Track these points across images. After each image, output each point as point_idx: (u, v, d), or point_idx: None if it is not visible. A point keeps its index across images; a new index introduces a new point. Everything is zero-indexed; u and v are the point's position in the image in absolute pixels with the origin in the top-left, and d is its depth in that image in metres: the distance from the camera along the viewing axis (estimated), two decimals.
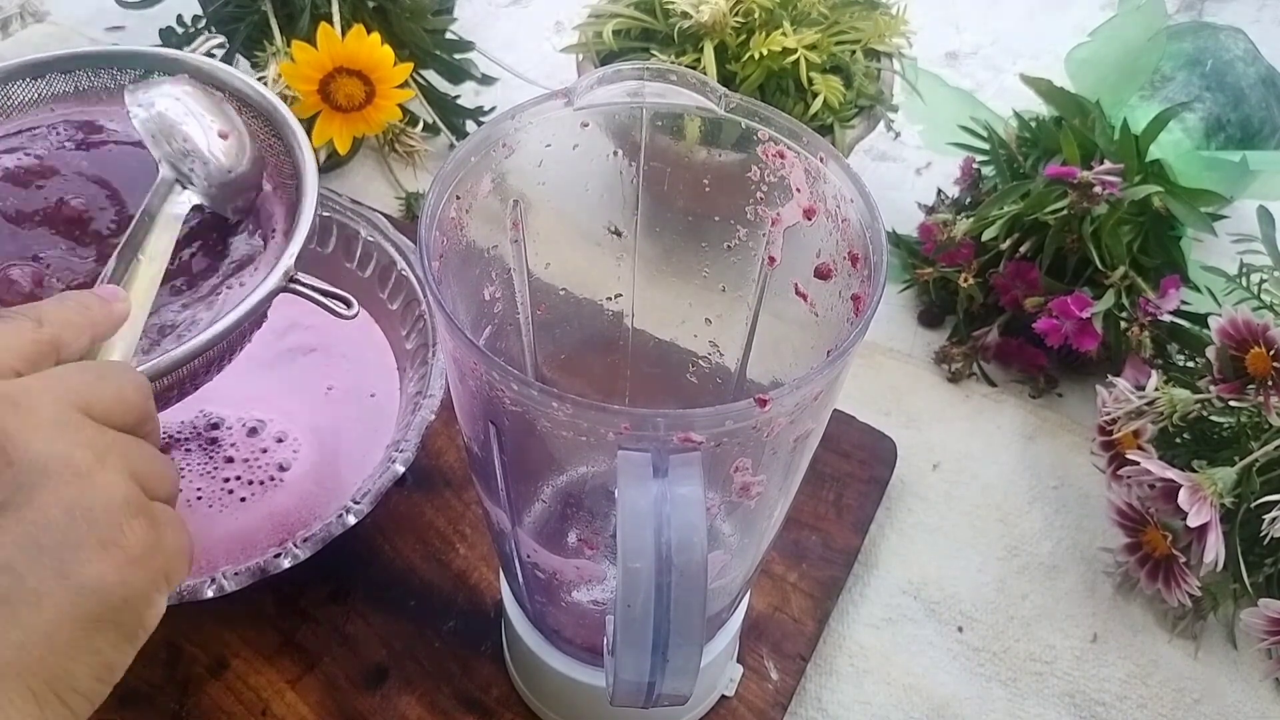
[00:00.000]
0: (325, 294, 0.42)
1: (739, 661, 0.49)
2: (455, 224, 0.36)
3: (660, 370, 0.46)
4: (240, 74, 0.47)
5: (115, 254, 0.39)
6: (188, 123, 0.42)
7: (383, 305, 0.57)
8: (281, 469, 0.52)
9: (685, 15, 0.61)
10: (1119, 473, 0.54)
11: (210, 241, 0.45)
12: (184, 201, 0.41)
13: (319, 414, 0.54)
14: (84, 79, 0.47)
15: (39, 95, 0.47)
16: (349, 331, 0.56)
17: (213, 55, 0.49)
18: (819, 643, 0.51)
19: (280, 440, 0.53)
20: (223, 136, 0.43)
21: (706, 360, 0.44)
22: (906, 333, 0.67)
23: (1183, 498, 0.48)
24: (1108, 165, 0.58)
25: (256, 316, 0.42)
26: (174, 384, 0.42)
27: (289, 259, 0.42)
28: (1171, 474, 0.49)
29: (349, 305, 0.43)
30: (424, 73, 0.76)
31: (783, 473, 0.35)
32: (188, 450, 0.52)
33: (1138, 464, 0.50)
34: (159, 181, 0.41)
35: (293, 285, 0.42)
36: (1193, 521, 0.48)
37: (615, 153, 0.39)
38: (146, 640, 0.31)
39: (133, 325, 0.35)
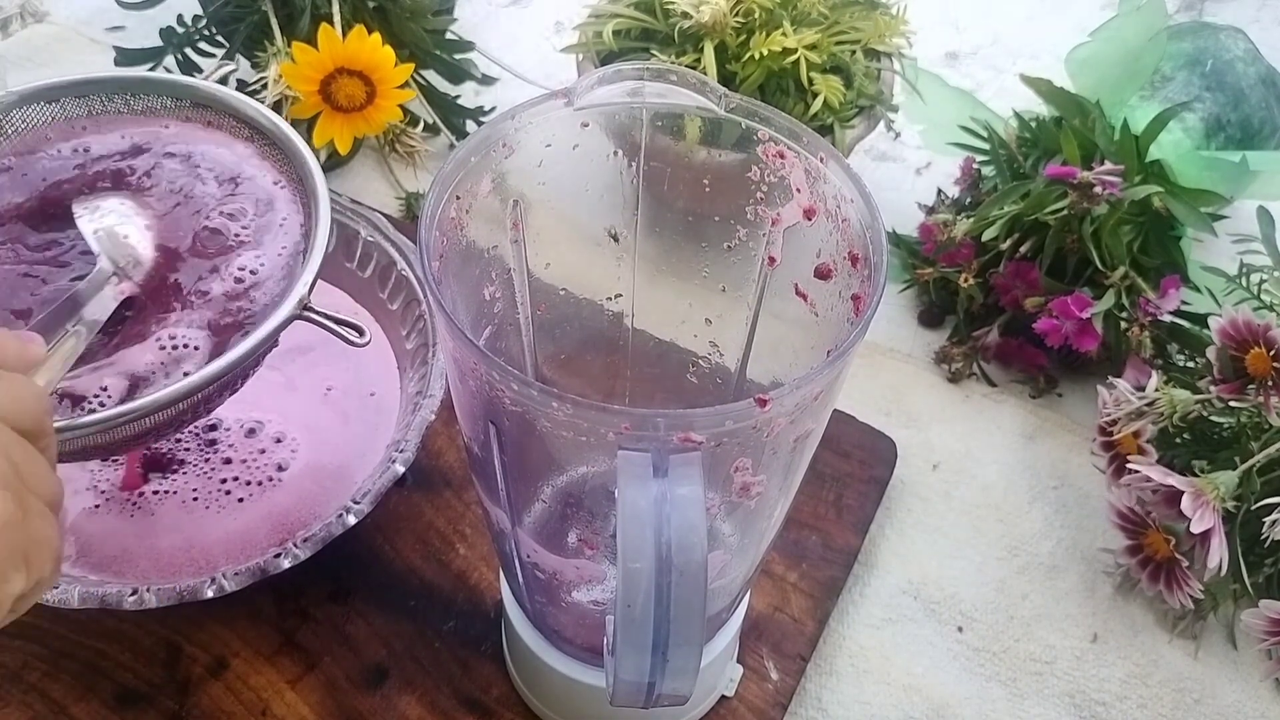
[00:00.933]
0: (338, 322, 0.43)
1: (739, 661, 0.49)
2: (455, 224, 0.36)
3: (660, 370, 0.46)
4: (254, 103, 0.48)
5: (47, 313, 0.40)
6: (128, 229, 0.44)
7: (383, 305, 0.57)
8: (280, 469, 0.52)
9: (685, 15, 0.61)
10: (1120, 477, 0.54)
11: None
12: (119, 293, 0.43)
13: (318, 414, 0.54)
14: (97, 104, 0.48)
15: (53, 118, 0.47)
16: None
17: (225, 81, 0.49)
18: (819, 643, 0.51)
19: (279, 440, 0.53)
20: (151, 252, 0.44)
21: (706, 360, 0.44)
22: (906, 333, 0.67)
23: (1185, 504, 0.48)
24: (1108, 166, 0.58)
25: (270, 343, 0.42)
26: (188, 409, 0.43)
27: (303, 287, 0.42)
28: (1174, 480, 0.49)
29: (361, 334, 0.43)
30: (424, 73, 0.76)
31: (783, 473, 0.35)
32: (185, 451, 0.52)
33: (1139, 472, 0.50)
34: (97, 271, 0.42)
35: (306, 314, 0.42)
36: (1196, 528, 0.48)
37: (615, 153, 0.39)
38: (147, 640, 0.30)
39: (48, 375, 0.35)
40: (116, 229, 0.44)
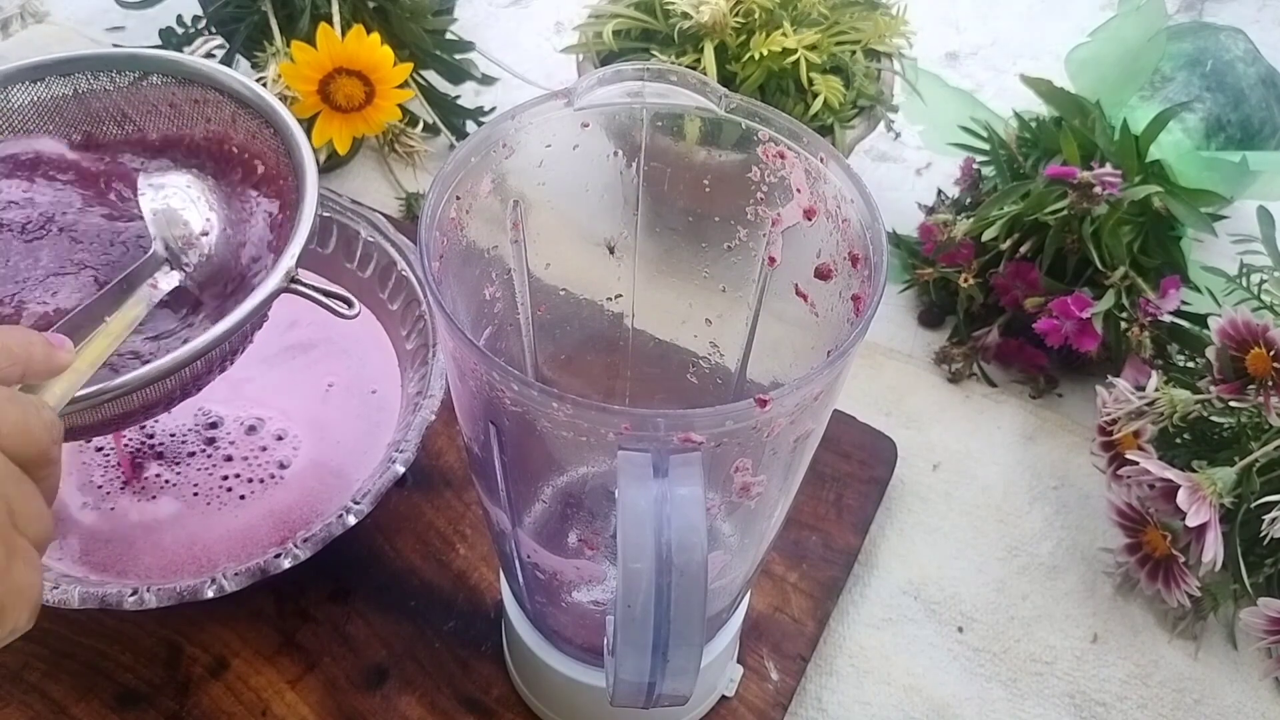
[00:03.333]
0: (326, 294, 0.42)
1: (739, 662, 0.49)
2: (455, 224, 0.36)
3: (660, 370, 0.46)
4: (238, 75, 0.47)
5: (83, 307, 0.39)
6: (189, 212, 0.43)
7: (383, 305, 0.57)
8: (281, 466, 0.52)
9: (685, 15, 0.61)
10: (1119, 473, 0.54)
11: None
12: (169, 281, 0.42)
13: (319, 411, 0.54)
14: (82, 82, 0.47)
15: (38, 98, 0.47)
16: (350, 328, 0.56)
17: (212, 56, 0.49)
18: (819, 643, 0.51)
19: (280, 438, 0.53)
20: (206, 233, 0.44)
21: (707, 360, 0.44)
22: (906, 333, 0.67)
23: (1182, 498, 0.48)
24: (1107, 168, 0.58)
25: (258, 317, 0.42)
26: (176, 386, 0.42)
27: (290, 259, 0.42)
28: (1171, 474, 0.49)
29: (350, 305, 0.43)
30: (424, 73, 0.76)
31: (783, 473, 0.35)
32: (187, 450, 0.52)
33: (1138, 464, 0.50)
34: (150, 256, 0.41)
35: (294, 285, 0.42)
36: (1192, 521, 0.48)
37: (615, 153, 0.39)
38: (147, 640, 0.30)
39: (70, 380, 0.34)
40: (179, 210, 0.43)
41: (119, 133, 0.48)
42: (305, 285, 0.42)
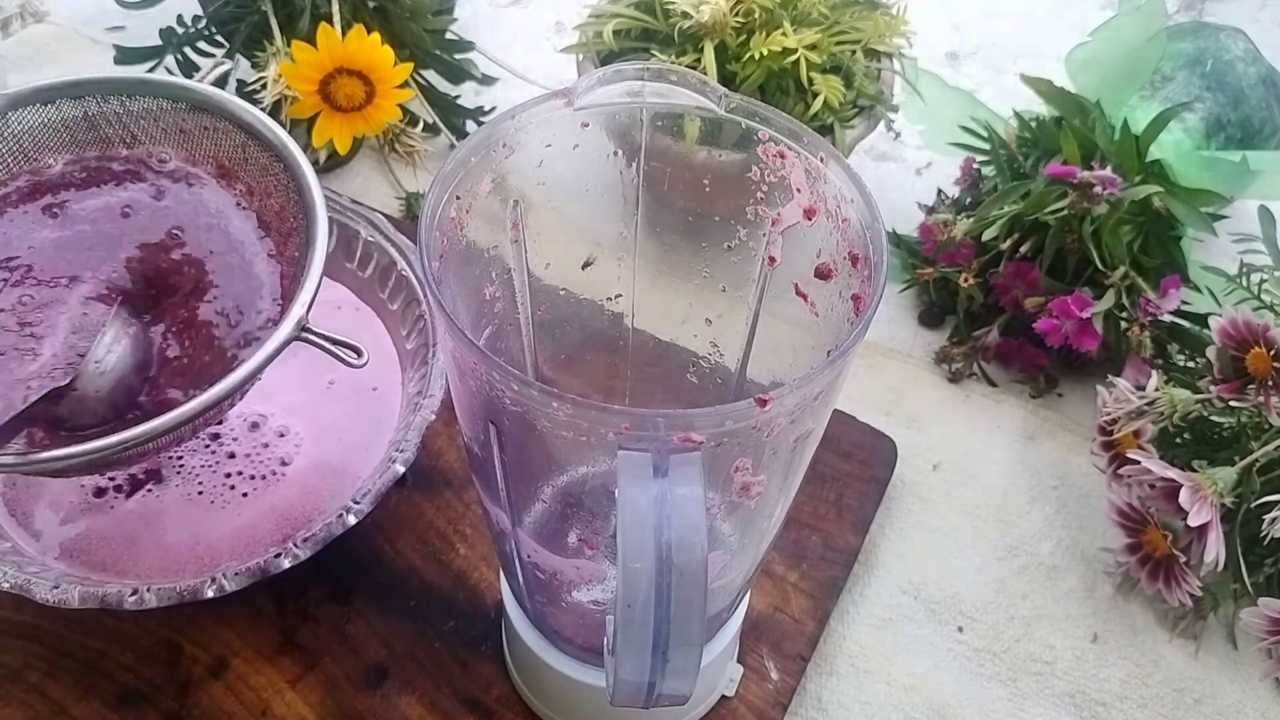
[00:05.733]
0: (335, 343, 0.42)
1: (739, 661, 0.49)
2: (455, 224, 0.36)
3: (660, 370, 0.46)
4: (251, 108, 0.47)
5: None
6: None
7: (383, 305, 0.57)
8: (284, 464, 0.52)
9: (685, 15, 0.61)
10: (1119, 473, 0.54)
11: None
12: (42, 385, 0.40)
13: (320, 408, 0.54)
14: (93, 105, 0.47)
15: (48, 121, 0.47)
16: (351, 326, 0.56)
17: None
18: (819, 643, 0.51)
19: (282, 435, 0.53)
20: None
21: (707, 360, 0.44)
22: (907, 333, 0.67)
23: (1183, 497, 0.48)
24: (1107, 171, 0.58)
25: (268, 365, 0.42)
26: (188, 431, 0.43)
27: (301, 308, 0.42)
28: (1172, 474, 0.49)
29: (359, 354, 0.43)
30: (424, 73, 0.75)
31: (783, 473, 0.35)
32: (190, 447, 0.52)
33: (1138, 463, 0.50)
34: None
35: (304, 335, 0.42)
36: (1193, 521, 0.48)
37: (615, 153, 0.39)
38: (147, 640, 0.30)
39: None
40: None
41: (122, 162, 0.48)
42: (316, 334, 0.42)
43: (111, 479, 0.51)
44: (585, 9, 0.67)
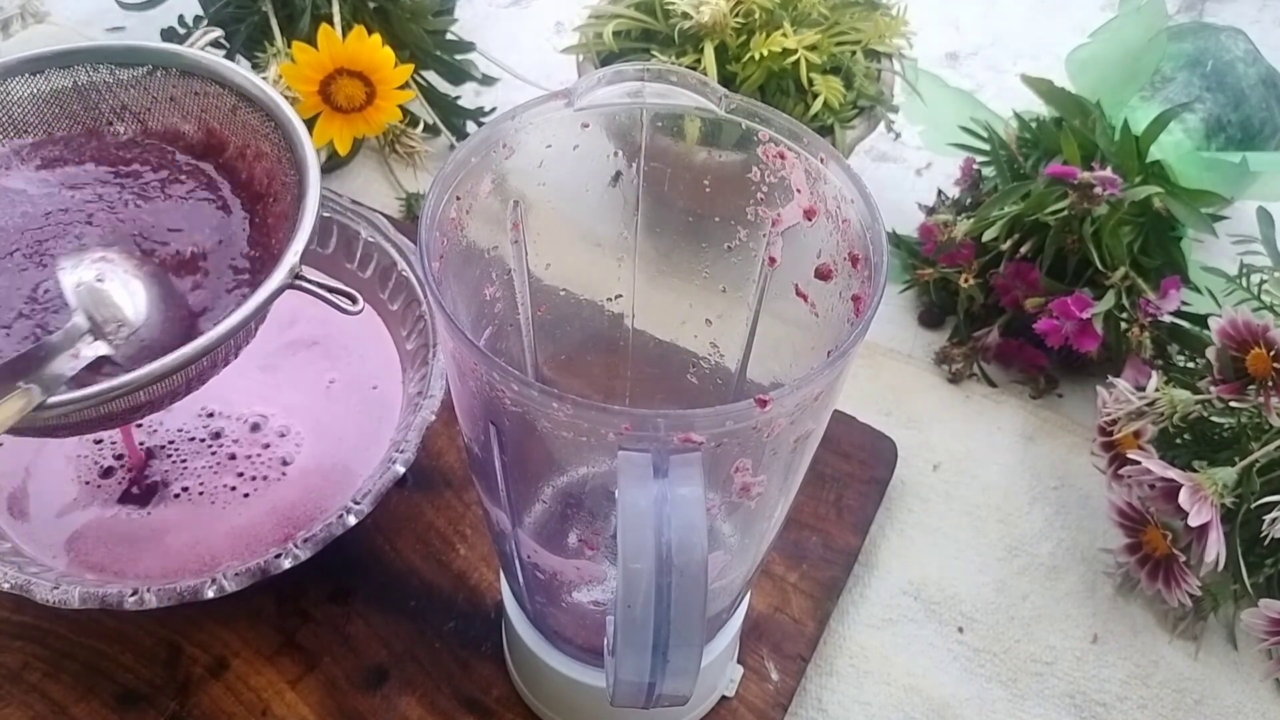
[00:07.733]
0: (331, 290, 0.42)
1: (739, 662, 0.49)
2: (455, 224, 0.36)
3: (660, 371, 0.46)
4: (241, 70, 0.47)
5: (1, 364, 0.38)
6: (114, 287, 0.42)
7: (383, 305, 0.57)
8: (284, 463, 0.52)
9: (685, 16, 0.61)
10: (1119, 473, 0.54)
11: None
12: (92, 350, 0.40)
13: (321, 408, 0.54)
14: (82, 74, 0.47)
15: (37, 91, 0.47)
16: (350, 325, 0.56)
17: (221, 46, 0.49)
18: (819, 643, 0.51)
19: (282, 435, 0.53)
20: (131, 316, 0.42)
21: (707, 361, 0.44)
22: (907, 333, 0.67)
23: (1183, 497, 0.48)
24: (1107, 171, 0.58)
25: (262, 314, 0.42)
26: (180, 383, 0.42)
27: (294, 256, 0.42)
28: (1172, 474, 0.49)
29: (354, 301, 0.43)
30: (424, 74, 0.76)
31: (783, 473, 0.35)
32: (192, 449, 0.52)
33: (1138, 464, 0.50)
34: (70, 326, 0.40)
35: (298, 282, 0.42)
36: (1194, 521, 0.48)
37: (615, 153, 0.39)
38: (147, 640, 0.30)
39: None
40: (99, 286, 0.41)
41: (117, 128, 0.48)
42: (309, 281, 0.42)
43: (111, 474, 0.51)
44: (585, 10, 0.67)
